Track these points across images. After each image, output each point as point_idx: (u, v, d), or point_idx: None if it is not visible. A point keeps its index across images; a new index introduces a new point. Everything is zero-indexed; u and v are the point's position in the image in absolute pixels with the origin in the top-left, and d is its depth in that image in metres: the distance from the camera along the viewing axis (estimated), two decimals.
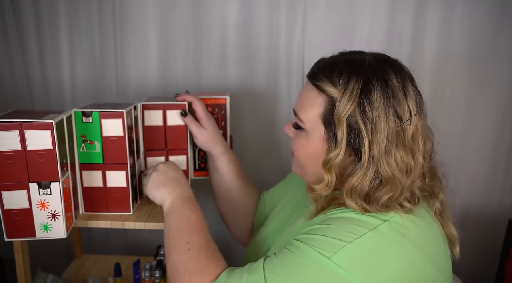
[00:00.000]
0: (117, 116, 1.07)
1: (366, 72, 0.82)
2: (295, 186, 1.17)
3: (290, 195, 1.18)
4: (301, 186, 1.08)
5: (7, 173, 0.93)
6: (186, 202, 1.05)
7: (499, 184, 1.59)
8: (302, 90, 0.93)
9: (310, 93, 0.88)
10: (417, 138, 0.83)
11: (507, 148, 1.55)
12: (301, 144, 0.92)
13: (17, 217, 0.96)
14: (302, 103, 0.91)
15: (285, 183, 1.28)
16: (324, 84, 0.85)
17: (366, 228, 0.77)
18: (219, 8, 1.50)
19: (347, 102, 0.80)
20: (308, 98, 0.89)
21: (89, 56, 1.57)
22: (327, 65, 0.87)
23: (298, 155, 0.94)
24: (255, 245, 1.15)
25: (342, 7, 1.47)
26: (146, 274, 1.33)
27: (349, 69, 0.83)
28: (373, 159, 0.80)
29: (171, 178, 1.10)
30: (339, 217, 0.82)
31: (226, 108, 1.31)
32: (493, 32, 1.45)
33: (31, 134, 0.91)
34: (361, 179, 0.81)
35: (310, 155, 0.91)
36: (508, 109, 1.51)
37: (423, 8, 1.44)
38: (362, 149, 0.81)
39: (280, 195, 1.23)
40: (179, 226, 0.99)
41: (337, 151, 0.83)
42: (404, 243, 0.78)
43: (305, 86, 0.91)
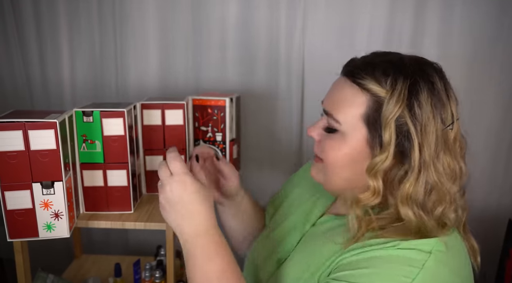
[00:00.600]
0: (118, 116, 1.07)
1: (413, 73, 0.78)
2: (304, 184, 1.09)
3: (300, 191, 1.09)
4: (309, 184, 1.03)
5: (11, 173, 0.92)
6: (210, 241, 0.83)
7: (499, 184, 1.59)
8: (335, 89, 0.85)
9: (348, 91, 0.81)
10: (456, 144, 0.81)
11: (507, 148, 1.56)
12: (334, 147, 0.83)
13: (20, 217, 0.96)
14: (338, 102, 0.83)
15: (290, 184, 1.17)
16: (368, 82, 0.78)
17: (416, 266, 0.70)
18: (219, 8, 1.50)
19: (396, 102, 0.75)
20: (346, 97, 0.81)
21: (89, 56, 1.57)
22: (368, 64, 0.81)
23: (330, 159, 0.84)
24: (268, 242, 1.04)
25: (342, 7, 1.47)
26: (146, 274, 1.33)
27: (395, 69, 0.78)
28: (424, 163, 0.76)
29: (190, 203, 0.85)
30: (379, 256, 0.74)
31: (225, 111, 1.30)
32: (493, 33, 1.46)
33: (35, 134, 0.91)
34: (414, 185, 0.76)
35: (347, 159, 0.82)
36: (507, 109, 1.52)
37: (422, 9, 1.45)
38: (411, 152, 0.76)
39: (287, 194, 1.14)
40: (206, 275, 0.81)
41: (385, 155, 0.77)
42: (451, 277, 0.74)
43: (340, 84, 0.84)
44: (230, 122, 1.31)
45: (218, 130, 1.31)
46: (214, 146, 1.34)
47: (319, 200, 0.98)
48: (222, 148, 1.32)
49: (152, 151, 1.24)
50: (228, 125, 1.31)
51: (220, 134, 1.31)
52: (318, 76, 1.53)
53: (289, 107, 1.57)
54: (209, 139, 1.33)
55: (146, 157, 1.24)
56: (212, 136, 1.32)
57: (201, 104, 1.32)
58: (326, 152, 0.84)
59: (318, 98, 1.52)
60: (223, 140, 1.31)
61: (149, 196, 1.27)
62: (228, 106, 1.29)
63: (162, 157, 1.24)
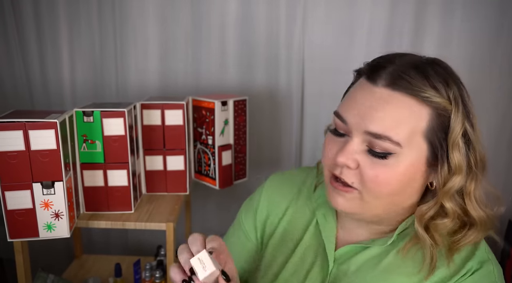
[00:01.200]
0: (118, 116, 1.07)
1: (456, 78, 0.73)
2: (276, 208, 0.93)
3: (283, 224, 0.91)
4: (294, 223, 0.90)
5: (11, 173, 0.93)
6: None
7: (498, 184, 1.59)
8: (379, 105, 0.69)
9: (405, 106, 0.68)
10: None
11: (506, 149, 1.56)
12: (387, 173, 0.70)
13: (20, 217, 0.96)
14: (394, 121, 0.68)
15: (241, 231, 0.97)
16: (430, 93, 0.68)
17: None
18: (218, 6, 1.50)
19: (462, 114, 0.70)
20: (403, 114, 0.68)
21: (89, 56, 1.57)
22: (416, 70, 0.70)
23: (381, 187, 0.71)
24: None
25: (342, 5, 1.47)
26: (146, 274, 1.33)
27: (445, 74, 0.71)
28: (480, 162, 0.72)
29: None
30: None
31: (214, 114, 1.26)
32: (492, 35, 1.45)
33: (35, 134, 0.91)
34: (477, 187, 0.72)
35: (400, 184, 0.71)
36: (507, 111, 1.52)
37: (423, 6, 1.45)
38: (471, 159, 0.71)
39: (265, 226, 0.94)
40: None
41: (460, 176, 0.70)
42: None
43: (387, 99, 0.69)
44: (220, 126, 1.28)
45: (209, 133, 1.30)
46: (206, 149, 1.33)
47: (318, 227, 0.86)
48: (212, 152, 1.31)
49: (152, 151, 1.25)
50: (217, 129, 1.27)
51: (211, 137, 1.30)
52: (318, 74, 1.53)
53: (289, 105, 1.57)
54: (203, 141, 1.32)
55: (146, 157, 1.25)
56: (205, 138, 1.32)
57: (197, 105, 1.32)
58: (374, 181, 0.70)
59: (319, 96, 1.54)
60: (213, 144, 1.30)
61: (149, 196, 1.27)
62: (218, 109, 1.25)
63: (162, 157, 1.25)
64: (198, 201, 1.64)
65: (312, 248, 0.85)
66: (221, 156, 1.29)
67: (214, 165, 1.30)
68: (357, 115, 0.70)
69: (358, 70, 0.78)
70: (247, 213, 0.96)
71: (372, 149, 0.70)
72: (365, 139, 0.70)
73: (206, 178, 1.35)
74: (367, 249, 0.79)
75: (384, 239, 0.78)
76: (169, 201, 1.24)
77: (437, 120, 0.69)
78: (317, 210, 0.87)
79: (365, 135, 0.69)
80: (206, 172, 1.35)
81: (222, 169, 1.31)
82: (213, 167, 1.31)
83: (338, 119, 0.74)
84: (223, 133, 1.28)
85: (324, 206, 0.86)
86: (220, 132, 1.27)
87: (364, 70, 0.75)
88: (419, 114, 0.68)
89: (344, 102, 0.75)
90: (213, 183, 1.33)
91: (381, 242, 0.78)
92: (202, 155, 1.34)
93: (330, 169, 0.75)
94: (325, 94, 1.52)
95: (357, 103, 0.71)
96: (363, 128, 0.69)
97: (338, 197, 0.75)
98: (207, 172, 1.34)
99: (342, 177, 0.73)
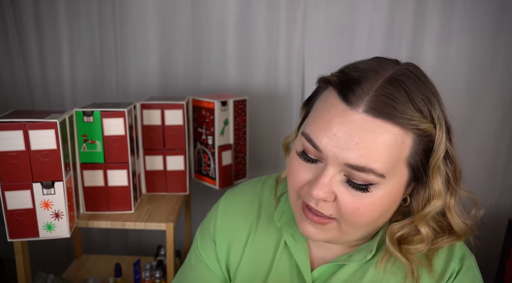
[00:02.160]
0: (118, 115, 1.07)
1: (431, 86, 0.67)
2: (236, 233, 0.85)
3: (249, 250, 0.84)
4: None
5: (11, 173, 0.93)
6: None
7: (498, 184, 1.59)
8: (359, 134, 0.61)
9: (387, 134, 0.61)
10: None
11: (506, 148, 1.56)
12: (368, 203, 0.64)
13: (20, 217, 0.96)
14: (373, 151, 0.61)
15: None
16: (416, 119, 0.61)
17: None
18: (218, 8, 1.50)
19: (444, 135, 0.64)
20: (384, 143, 0.61)
21: (89, 56, 1.57)
22: (397, 88, 0.62)
23: (364, 218, 0.66)
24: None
25: (341, 8, 1.47)
26: (146, 274, 1.33)
27: (423, 88, 0.64)
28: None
29: None
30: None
31: (214, 114, 1.26)
32: (493, 32, 1.45)
33: (35, 134, 0.91)
34: (455, 197, 0.69)
35: (382, 210, 0.66)
36: (507, 109, 1.52)
37: (422, 9, 1.45)
38: (455, 181, 0.68)
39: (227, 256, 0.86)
40: None
41: (439, 202, 0.67)
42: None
43: (369, 127, 0.61)
44: (219, 126, 1.28)
45: (209, 133, 1.30)
46: (206, 149, 1.33)
47: (288, 249, 0.80)
48: (212, 152, 1.31)
49: (152, 151, 1.25)
50: (217, 129, 1.27)
51: (211, 137, 1.30)
52: (318, 75, 1.53)
53: (289, 105, 1.57)
54: (203, 141, 1.32)
55: (146, 157, 1.25)
56: (205, 138, 1.32)
57: (197, 105, 1.32)
58: (354, 213, 0.65)
59: None
60: (213, 144, 1.30)
61: (149, 196, 1.27)
62: (218, 109, 1.25)
63: (162, 157, 1.25)
64: (198, 201, 1.64)
65: (286, 272, 0.79)
66: (221, 156, 1.29)
67: (214, 165, 1.30)
68: (333, 143, 0.62)
69: (324, 79, 0.70)
70: (204, 244, 0.87)
71: (352, 180, 0.63)
72: (342, 169, 0.63)
73: (206, 178, 1.35)
74: (344, 266, 0.75)
75: (361, 255, 0.74)
76: (169, 201, 1.24)
77: (420, 145, 0.64)
78: (283, 230, 0.80)
79: (343, 166, 0.62)
80: (206, 172, 1.35)
81: (222, 169, 1.31)
82: (213, 167, 1.31)
83: (309, 144, 0.65)
84: (223, 133, 1.28)
85: (289, 225, 0.80)
86: (220, 132, 1.27)
87: (334, 83, 0.65)
88: (403, 142, 0.62)
89: (313, 122, 0.66)
90: (213, 183, 1.33)
91: (359, 257, 0.73)
92: (202, 155, 1.34)
93: (302, 198, 0.69)
94: None
95: (331, 128, 0.62)
96: (342, 160, 0.61)
97: (311, 227, 0.69)
98: (207, 172, 1.34)
99: (319, 210, 0.66)
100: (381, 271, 0.72)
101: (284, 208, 0.82)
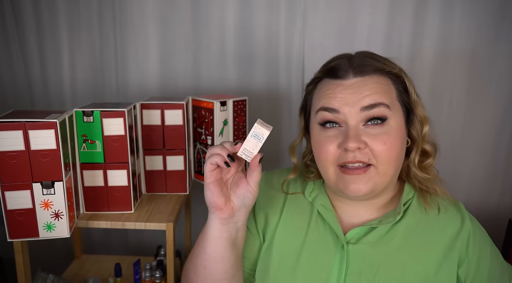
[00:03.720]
0: (118, 115, 1.07)
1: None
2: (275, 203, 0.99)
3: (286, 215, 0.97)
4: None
5: (11, 173, 0.92)
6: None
7: (498, 183, 1.59)
8: (361, 87, 0.83)
9: (375, 82, 0.83)
10: None
11: (506, 148, 1.56)
12: (390, 138, 0.83)
13: (20, 217, 0.96)
14: (377, 92, 0.82)
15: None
16: (386, 66, 0.85)
17: None
18: (218, 8, 1.50)
19: (409, 80, 0.88)
20: (379, 85, 0.84)
21: (89, 56, 1.57)
22: (368, 57, 0.87)
23: (392, 151, 0.82)
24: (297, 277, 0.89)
25: (341, 8, 1.47)
26: (146, 274, 1.33)
27: (384, 57, 0.89)
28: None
29: None
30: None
31: (214, 114, 1.25)
32: (493, 31, 1.46)
33: (35, 134, 0.91)
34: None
35: (401, 144, 0.85)
36: (507, 108, 1.52)
37: (422, 9, 1.45)
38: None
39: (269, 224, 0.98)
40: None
41: (428, 125, 0.89)
42: None
43: (362, 83, 0.83)
44: (219, 126, 1.27)
45: (209, 133, 1.29)
46: (206, 149, 1.32)
47: (320, 217, 0.93)
48: None
49: (152, 151, 1.24)
50: (217, 129, 1.27)
51: (210, 137, 1.29)
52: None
53: (289, 105, 1.57)
54: (203, 141, 1.32)
55: (146, 157, 1.25)
56: (204, 139, 1.32)
57: (197, 105, 1.31)
58: (384, 148, 0.81)
59: None
60: (212, 144, 1.29)
61: (149, 196, 1.27)
62: (217, 109, 1.25)
63: (162, 157, 1.25)
64: (198, 201, 1.64)
65: (322, 233, 0.90)
66: None
67: None
68: (344, 102, 0.82)
69: (312, 81, 0.95)
70: None
71: (370, 119, 0.82)
72: (360, 118, 0.82)
73: None
74: (375, 229, 0.87)
75: (390, 218, 0.86)
76: (169, 201, 1.24)
77: (399, 86, 0.86)
78: (315, 202, 0.95)
79: (360, 113, 0.82)
80: None
81: None
82: None
83: (328, 112, 0.84)
84: (222, 134, 1.28)
85: (319, 198, 0.95)
86: (219, 133, 1.27)
87: (322, 74, 0.90)
88: (387, 84, 0.84)
89: (321, 99, 0.86)
90: None
91: (389, 220, 0.86)
92: (202, 155, 1.34)
93: (340, 161, 0.83)
94: None
95: (337, 96, 0.84)
96: (358, 106, 0.81)
97: (356, 184, 0.83)
98: None
99: (358, 159, 0.81)
100: (410, 231, 0.86)
101: (313, 187, 0.98)
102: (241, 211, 0.82)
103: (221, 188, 0.80)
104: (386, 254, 0.85)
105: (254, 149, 0.78)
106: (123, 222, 1.11)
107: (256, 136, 0.79)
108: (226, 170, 0.82)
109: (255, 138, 0.79)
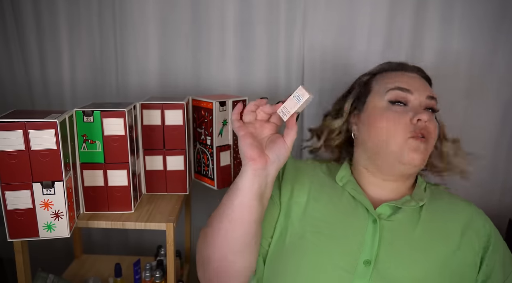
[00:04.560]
0: (118, 115, 1.07)
1: None
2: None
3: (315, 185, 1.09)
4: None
5: (11, 173, 0.92)
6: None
7: (499, 183, 1.59)
8: (421, 83, 1.04)
9: (424, 81, 1.07)
10: None
11: (507, 147, 1.56)
12: (435, 124, 1.00)
13: (20, 217, 0.96)
14: (428, 87, 1.05)
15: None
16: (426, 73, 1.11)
17: None
18: (219, 8, 1.50)
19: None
20: (425, 84, 1.06)
21: (89, 56, 1.57)
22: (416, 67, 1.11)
23: (433, 139, 1.00)
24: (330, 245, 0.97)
25: (341, 8, 1.47)
26: (146, 274, 1.33)
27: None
28: None
29: None
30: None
31: (213, 114, 1.24)
32: (493, 31, 1.45)
33: (35, 134, 0.91)
34: None
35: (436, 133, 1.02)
36: (508, 107, 1.52)
37: (423, 8, 1.45)
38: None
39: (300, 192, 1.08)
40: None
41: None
42: None
43: (420, 78, 1.07)
44: (218, 127, 1.26)
45: (208, 133, 1.29)
46: (205, 149, 1.33)
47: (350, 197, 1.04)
48: (211, 153, 1.30)
49: (152, 151, 1.24)
50: (216, 130, 1.26)
51: (209, 137, 1.29)
52: (318, 74, 1.53)
53: None
54: (203, 141, 1.32)
55: (146, 157, 1.25)
56: (204, 139, 1.31)
57: (197, 105, 1.31)
58: (435, 129, 0.99)
59: (318, 98, 1.53)
60: (211, 144, 1.29)
61: (149, 196, 1.27)
62: (216, 109, 1.24)
63: (162, 157, 1.25)
64: (198, 201, 1.64)
65: (353, 207, 1.01)
66: (219, 157, 1.29)
67: (212, 165, 1.30)
68: (416, 87, 1.01)
69: (369, 73, 1.14)
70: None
71: (429, 108, 1.01)
72: (424, 103, 1.00)
73: (205, 179, 1.35)
74: (401, 209, 0.99)
75: (413, 202, 1.00)
76: (169, 201, 1.24)
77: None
78: (346, 186, 1.06)
79: (425, 98, 1.00)
80: (205, 172, 1.35)
81: (220, 170, 1.30)
82: (212, 168, 1.31)
83: (402, 91, 1.00)
84: (222, 134, 1.28)
85: (350, 184, 1.06)
86: (219, 133, 1.27)
87: (386, 66, 1.12)
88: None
89: (394, 82, 1.02)
90: (211, 184, 1.33)
91: (412, 203, 1.00)
92: (201, 155, 1.34)
93: (411, 132, 0.96)
94: (325, 95, 1.52)
95: (407, 81, 1.03)
96: (426, 93, 1.01)
97: (416, 154, 0.95)
98: (206, 172, 1.34)
99: (427, 128, 0.97)
100: (432, 215, 1.00)
101: (343, 174, 1.10)
102: (274, 164, 0.89)
103: (253, 140, 0.89)
104: (412, 231, 0.97)
105: (292, 108, 0.86)
106: (123, 222, 1.11)
107: (297, 97, 0.86)
108: (258, 125, 0.92)
109: (296, 99, 0.86)
